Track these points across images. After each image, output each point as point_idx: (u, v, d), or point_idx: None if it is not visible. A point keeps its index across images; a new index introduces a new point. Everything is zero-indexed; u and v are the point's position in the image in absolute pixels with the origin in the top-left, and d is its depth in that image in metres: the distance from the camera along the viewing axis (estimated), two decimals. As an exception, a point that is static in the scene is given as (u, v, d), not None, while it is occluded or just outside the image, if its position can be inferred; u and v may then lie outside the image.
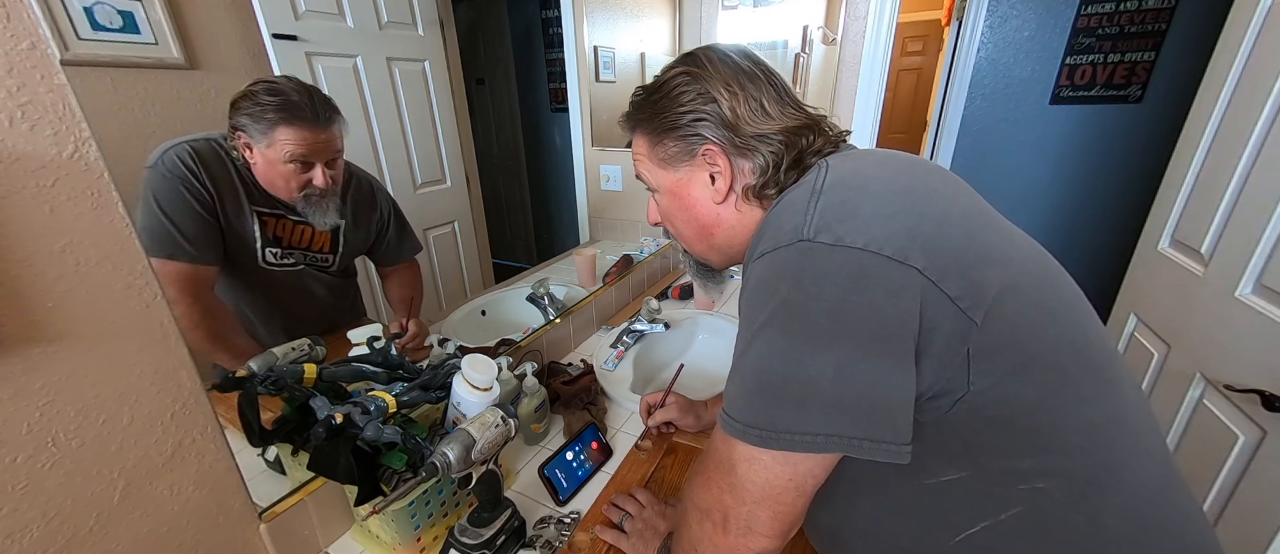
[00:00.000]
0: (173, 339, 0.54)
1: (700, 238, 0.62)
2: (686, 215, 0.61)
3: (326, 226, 0.85)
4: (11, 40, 0.41)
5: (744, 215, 0.58)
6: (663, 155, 0.60)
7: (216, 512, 0.62)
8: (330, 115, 0.79)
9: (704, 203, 0.59)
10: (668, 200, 0.62)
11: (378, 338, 0.81)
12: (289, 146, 0.75)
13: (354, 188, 0.91)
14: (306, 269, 0.88)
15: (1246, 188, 0.98)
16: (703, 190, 0.58)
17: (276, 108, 0.74)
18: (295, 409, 0.66)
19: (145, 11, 0.65)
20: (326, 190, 0.81)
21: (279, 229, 0.82)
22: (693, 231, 0.62)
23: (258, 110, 0.73)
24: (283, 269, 0.85)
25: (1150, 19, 2.13)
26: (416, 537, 0.71)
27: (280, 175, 0.77)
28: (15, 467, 0.46)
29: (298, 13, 0.83)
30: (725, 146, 0.55)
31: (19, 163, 0.42)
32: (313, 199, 0.81)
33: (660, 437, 0.95)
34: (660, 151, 0.60)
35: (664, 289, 1.63)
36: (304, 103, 0.76)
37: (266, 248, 0.82)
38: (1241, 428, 0.96)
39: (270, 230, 0.81)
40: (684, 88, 0.57)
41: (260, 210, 0.79)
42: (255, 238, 0.80)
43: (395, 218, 1.00)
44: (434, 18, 1.06)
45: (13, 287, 0.43)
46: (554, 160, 1.80)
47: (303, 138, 0.76)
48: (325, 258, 0.90)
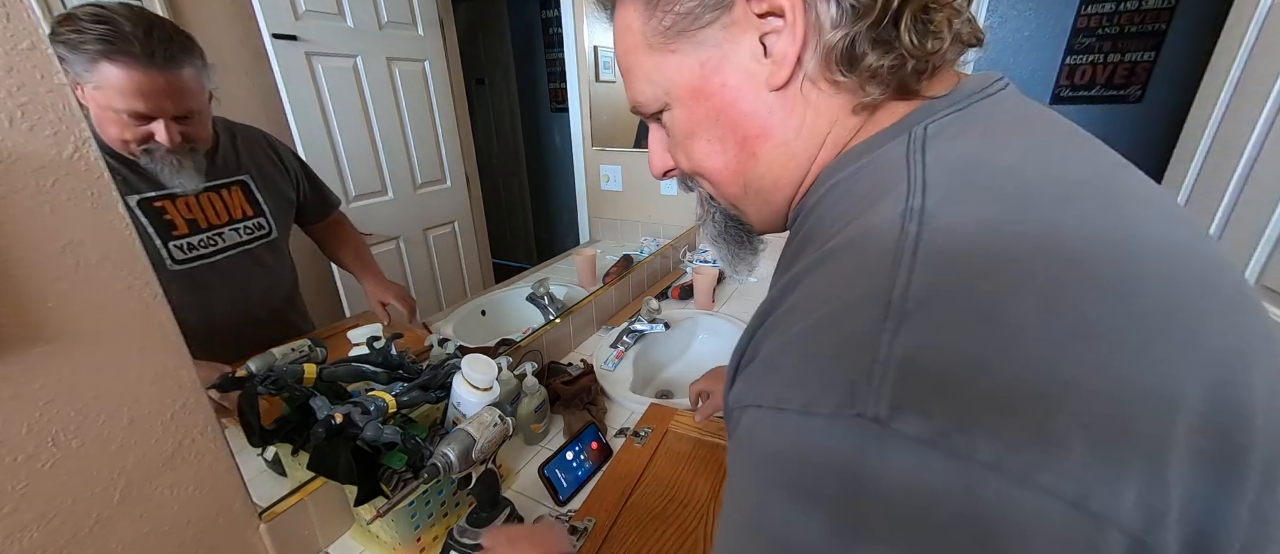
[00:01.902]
0: (173, 339, 0.54)
1: (736, 167, 0.37)
2: (718, 126, 0.36)
3: (188, 190, 0.69)
4: (11, 40, 0.41)
5: (813, 113, 0.33)
6: (670, 21, 0.34)
7: (216, 512, 0.62)
8: (172, 54, 0.63)
9: (748, 94, 0.34)
10: (686, 112, 0.37)
11: (378, 338, 0.81)
12: (116, 91, 0.60)
13: (240, 142, 0.77)
14: (243, 250, 0.76)
15: (1246, 188, 0.98)
16: (748, 70, 0.33)
17: (98, 38, 0.59)
18: (295, 409, 0.66)
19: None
20: (174, 147, 0.66)
21: (181, 210, 0.68)
22: (726, 156, 0.37)
23: (76, 38, 0.58)
24: (207, 261, 0.72)
25: (1150, 19, 2.13)
26: (416, 537, 0.71)
27: (112, 122, 0.62)
28: (15, 467, 0.46)
29: (298, 13, 0.83)
30: None
31: (19, 163, 0.42)
32: (157, 155, 0.65)
33: (655, 430, 0.95)
34: (665, 16, 0.34)
35: (664, 289, 1.63)
36: (134, 35, 0.60)
37: (170, 243, 0.68)
38: (1241, 428, 0.96)
39: (168, 216, 0.67)
40: None
41: (148, 197, 0.65)
42: (148, 235, 0.65)
43: (305, 168, 0.87)
44: (434, 18, 1.06)
45: (13, 287, 0.43)
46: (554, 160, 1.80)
47: (132, 81, 0.61)
48: (260, 225, 0.77)
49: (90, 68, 0.59)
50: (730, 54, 0.33)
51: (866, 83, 0.31)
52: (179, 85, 0.65)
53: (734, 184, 0.39)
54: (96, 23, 0.58)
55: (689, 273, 1.68)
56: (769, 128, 0.34)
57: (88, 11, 0.59)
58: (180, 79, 0.65)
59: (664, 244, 1.76)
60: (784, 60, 0.31)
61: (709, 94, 0.35)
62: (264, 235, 0.79)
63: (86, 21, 0.58)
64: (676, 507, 0.81)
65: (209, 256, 0.72)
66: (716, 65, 0.34)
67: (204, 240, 0.71)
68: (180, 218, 0.69)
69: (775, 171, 0.36)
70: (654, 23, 0.35)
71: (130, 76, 0.61)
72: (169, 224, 0.68)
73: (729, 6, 0.32)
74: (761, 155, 0.36)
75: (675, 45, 0.35)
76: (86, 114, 0.58)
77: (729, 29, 0.33)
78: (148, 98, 0.62)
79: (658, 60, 0.36)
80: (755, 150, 0.36)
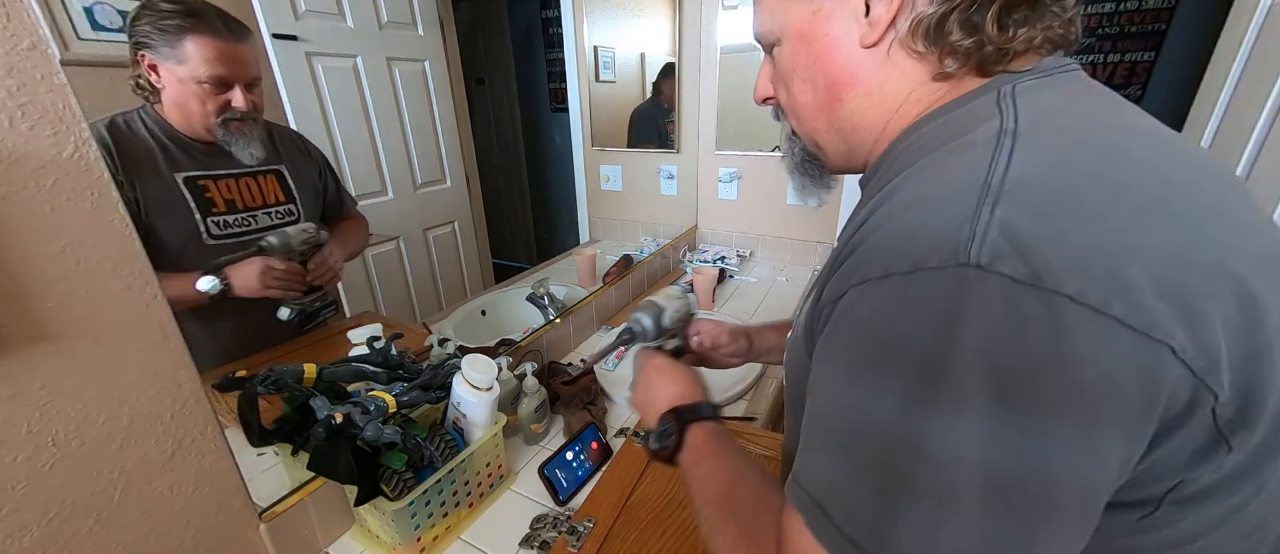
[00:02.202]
0: (173, 339, 0.54)
1: (823, 106, 0.42)
2: (814, 69, 0.41)
3: (255, 160, 0.76)
4: (11, 40, 0.41)
5: (896, 73, 0.38)
6: None
7: (216, 512, 0.62)
8: (240, 29, 0.72)
9: (844, 47, 0.39)
10: (792, 50, 0.42)
11: (378, 338, 0.81)
12: (201, 61, 0.68)
13: (278, 133, 0.83)
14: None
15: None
16: (848, 26, 0.38)
17: (181, 15, 0.67)
18: (295, 409, 0.66)
19: (145, 11, 0.65)
20: (248, 112, 0.73)
21: (222, 190, 0.74)
22: (816, 96, 0.42)
23: (159, 19, 0.66)
24: (239, 240, 0.76)
25: (1150, 19, 2.13)
26: (416, 537, 0.71)
27: (195, 96, 0.69)
28: (15, 467, 0.46)
29: (298, 13, 0.83)
30: None
31: (19, 163, 0.42)
32: (232, 125, 0.73)
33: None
34: None
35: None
36: (210, 11, 0.69)
37: (208, 218, 0.72)
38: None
39: (209, 194, 0.72)
40: None
41: (189, 174, 0.71)
42: (189, 209, 0.70)
43: (329, 167, 0.92)
44: (434, 18, 1.06)
45: (13, 287, 0.43)
46: (554, 160, 1.80)
47: (217, 50, 0.69)
48: (289, 212, 0.82)
49: (176, 46, 0.67)
50: (839, 9, 0.39)
51: (946, 56, 0.35)
52: (248, 53, 0.73)
53: (819, 120, 0.44)
54: (174, 4, 0.66)
55: (689, 273, 1.68)
56: (856, 78, 0.40)
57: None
58: (249, 47, 0.73)
59: (664, 244, 1.76)
60: (878, 23, 0.37)
61: (813, 38, 0.40)
62: (293, 222, 0.83)
63: (166, 4, 0.66)
64: (676, 507, 0.81)
65: (241, 236, 0.77)
66: (826, 15, 0.39)
67: (239, 220, 0.76)
68: (220, 197, 0.74)
69: (856, 117, 0.41)
70: None
71: (213, 46, 0.69)
72: (209, 201, 0.73)
73: None
74: (846, 101, 0.41)
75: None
76: (158, 98, 0.68)
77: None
78: (228, 63, 0.70)
79: (779, 2, 0.42)
80: (841, 96, 0.41)
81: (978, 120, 0.32)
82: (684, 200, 1.88)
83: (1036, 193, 0.26)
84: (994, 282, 0.24)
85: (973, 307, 0.25)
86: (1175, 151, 0.30)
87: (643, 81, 1.77)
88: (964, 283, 0.25)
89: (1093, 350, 0.24)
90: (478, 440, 0.77)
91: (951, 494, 0.26)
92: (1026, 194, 0.26)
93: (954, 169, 0.30)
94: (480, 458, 0.79)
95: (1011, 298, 0.24)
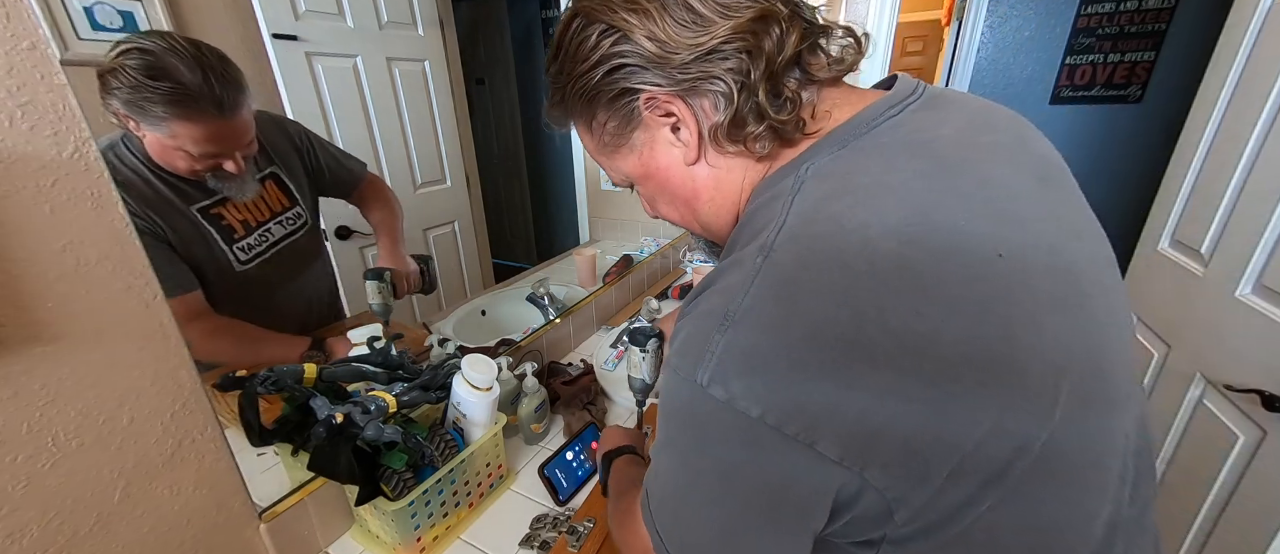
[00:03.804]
0: (173, 339, 0.54)
1: (688, 216, 0.50)
2: (666, 193, 0.48)
3: (247, 195, 0.71)
4: (11, 40, 0.41)
5: (725, 172, 0.44)
6: (606, 138, 0.46)
7: (216, 512, 0.62)
8: (236, 96, 0.64)
9: (676, 170, 0.45)
10: (644, 187, 0.50)
11: (378, 338, 0.81)
12: (190, 141, 0.61)
13: (262, 134, 0.77)
14: (289, 243, 0.78)
15: (1246, 188, 0.98)
16: (671, 153, 0.45)
17: (165, 99, 0.57)
18: (295, 409, 0.66)
19: (145, 11, 0.64)
20: (238, 175, 0.68)
21: (234, 213, 0.70)
22: (679, 210, 0.50)
23: (136, 96, 0.56)
24: (263, 260, 0.73)
25: (1150, 19, 2.13)
26: (416, 537, 0.71)
27: (180, 159, 0.63)
28: (15, 466, 0.46)
29: (298, 13, 0.83)
30: (668, 87, 0.40)
31: (19, 163, 0.42)
32: (223, 176, 0.67)
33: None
34: (601, 135, 0.47)
35: (664, 289, 1.63)
36: (200, 88, 0.59)
37: (234, 246, 0.70)
38: (1241, 428, 0.96)
39: (226, 221, 0.68)
40: (582, 36, 0.42)
41: (205, 205, 0.66)
42: (215, 241, 0.67)
43: (313, 139, 0.86)
44: (434, 18, 1.06)
45: (13, 287, 0.43)
46: (554, 160, 1.80)
47: (207, 132, 0.61)
48: (297, 216, 0.79)
49: (160, 125, 0.59)
50: (655, 146, 0.45)
51: (752, 143, 0.41)
52: (245, 124, 0.67)
53: (692, 226, 0.51)
54: (154, 79, 0.56)
55: (689, 273, 1.68)
56: (697, 190, 0.46)
57: (138, 64, 0.55)
58: (245, 118, 0.67)
59: (664, 244, 1.76)
60: (690, 144, 0.43)
61: (652, 174, 0.47)
62: (303, 225, 0.80)
63: (144, 79, 0.55)
64: (676, 507, 0.81)
65: (265, 253, 0.74)
66: (650, 155, 0.46)
67: (257, 239, 0.73)
68: (235, 220, 0.71)
69: (713, 215, 0.48)
70: (596, 139, 0.48)
71: (205, 129, 0.62)
72: (229, 229, 0.70)
73: (639, 120, 0.44)
74: (700, 208, 0.48)
75: (618, 150, 0.47)
76: (139, 142, 0.61)
77: (647, 132, 0.45)
78: (221, 141, 0.64)
79: (611, 159, 0.49)
80: (695, 206, 0.48)
81: (766, 220, 0.37)
82: (684, 200, 1.87)
83: (758, 318, 0.33)
84: (706, 398, 0.34)
85: (697, 412, 0.35)
86: (926, 222, 0.34)
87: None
88: (693, 393, 0.35)
89: (775, 459, 0.33)
90: (478, 440, 0.77)
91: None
92: (751, 320, 0.33)
93: (723, 287, 0.36)
94: (480, 458, 0.79)
95: (718, 410, 0.34)
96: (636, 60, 0.40)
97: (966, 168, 0.37)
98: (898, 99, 0.41)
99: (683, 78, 0.40)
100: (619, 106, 0.43)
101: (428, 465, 0.71)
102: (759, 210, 0.40)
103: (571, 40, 0.43)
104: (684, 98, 0.41)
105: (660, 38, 0.39)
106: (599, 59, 0.41)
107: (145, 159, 0.62)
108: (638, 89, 0.41)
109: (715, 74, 0.39)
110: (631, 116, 0.43)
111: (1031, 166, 0.40)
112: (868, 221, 0.33)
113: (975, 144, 0.38)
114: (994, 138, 0.40)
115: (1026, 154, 0.41)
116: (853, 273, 0.32)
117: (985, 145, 0.39)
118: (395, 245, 0.93)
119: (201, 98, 0.59)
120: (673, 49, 0.39)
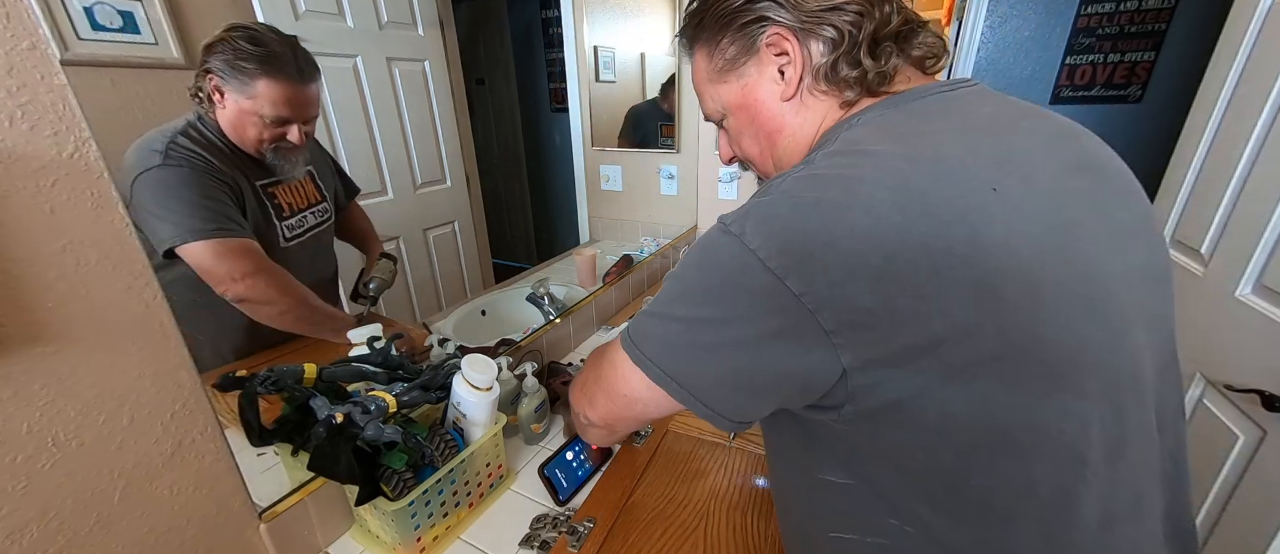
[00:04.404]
0: (173, 339, 0.54)
1: (766, 151, 0.55)
2: (754, 127, 0.53)
3: (299, 176, 0.81)
4: (11, 40, 0.41)
5: (809, 112, 0.50)
6: (722, 63, 0.52)
7: (216, 512, 0.62)
8: (313, 71, 0.75)
9: (771, 105, 0.51)
10: (737, 118, 0.55)
11: (378, 338, 0.81)
12: (269, 102, 0.71)
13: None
14: (317, 231, 0.85)
15: (1246, 188, 0.98)
16: (771, 88, 0.51)
17: (259, 59, 0.69)
18: (295, 409, 0.66)
19: (145, 11, 0.65)
20: (298, 147, 0.77)
21: (284, 195, 0.78)
22: (759, 145, 0.55)
23: (235, 57, 0.68)
24: (299, 243, 0.81)
25: (1150, 19, 2.13)
26: (416, 537, 0.71)
27: (252, 126, 0.72)
28: (15, 467, 0.46)
29: (298, 13, 0.83)
30: (793, 26, 0.47)
31: (19, 163, 0.42)
32: (283, 152, 0.76)
33: (655, 430, 0.95)
34: (719, 60, 0.53)
35: (664, 289, 1.63)
36: (287, 55, 0.71)
37: (283, 223, 0.78)
38: (1241, 428, 0.96)
39: (278, 201, 0.77)
40: None
41: (263, 183, 0.75)
42: (271, 215, 0.76)
43: (330, 156, 0.94)
44: (434, 18, 1.06)
45: (13, 287, 0.43)
46: (554, 160, 1.80)
47: (286, 94, 0.72)
48: (325, 209, 0.87)
49: (247, 84, 0.70)
50: (760, 80, 0.51)
51: (844, 89, 0.48)
52: (315, 96, 0.76)
53: (766, 162, 0.56)
54: (253, 44, 0.68)
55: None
56: (782, 125, 0.52)
57: (242, 34, 0.68)
58: (316, 91, 0.76)
59: (664, 244, 1.76)
60: (791, 81, 0.49)
61: (748, 105, 0.53)
62: (328, 219, 0.87)
63: (244, 42, 0.68)
64: (676, 507, 0.81)
65: (302, 236, 0.82)
66: (753, 87, 0.52)
67: (298, 222, 0.81)
68: (285, 202, 0.79)
69: (788, 150, 0.53)
70: (712, 64, 0.54)
71: (284, 90, 0.72)
72: (280, 207, 0.78)
73: (756, 51, 0.50)
74: (779, 142, 0.53)
75: (726, 78, 0.53)
76: (213, 110, 0.70)
77: (759, 66, 0.51)
78: (294, 106, 0.73)
79: (717, 87, 0.55)
80: (776, 139, 0.53)
81: (828, 141, 0.45)
82: (684, 200, 1.87)
83: (770, 215, 0.38)
84: (738, 244, 0.38)
85: (718, 251, 0.40)
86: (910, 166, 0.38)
87: (643, 82, 1.77)
88: (727, 237, 0.39)
89: (760, 280, 0.37)
90: (478, 440, 0.77)
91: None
92: (764, 208, 0.39)
93: (767, 187, 0.42)
94: (480, 458, 0.79)
95: (730, 244, 0.39)
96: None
97: (994, 131, 0.41)
98: (953, 84, 0.47)
99: (806, 20, 0.47)
100: (745, 34, 0.49)
101: (428, 465, 0.71)
102: (820, 147, 0.46)
103: None
104: (799, 38, 0.47)
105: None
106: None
107: (218, 134, 0.71)
108: (769, 19, 0.48)
109: (833, 21, 0.46)
110: (751, 47, 0.50)
111: (1070, 155, 0.43)
112: (893, 151, 0.39)
113: (1013, 125, 0.43)
114: (1036, 124, 0.44)
115: (1070, 145, 0.44)
116: (867, 184, 0.37)
117: (1025, 129, 0.43)
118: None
119: (286, 63, 0.71)
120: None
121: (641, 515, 0.79)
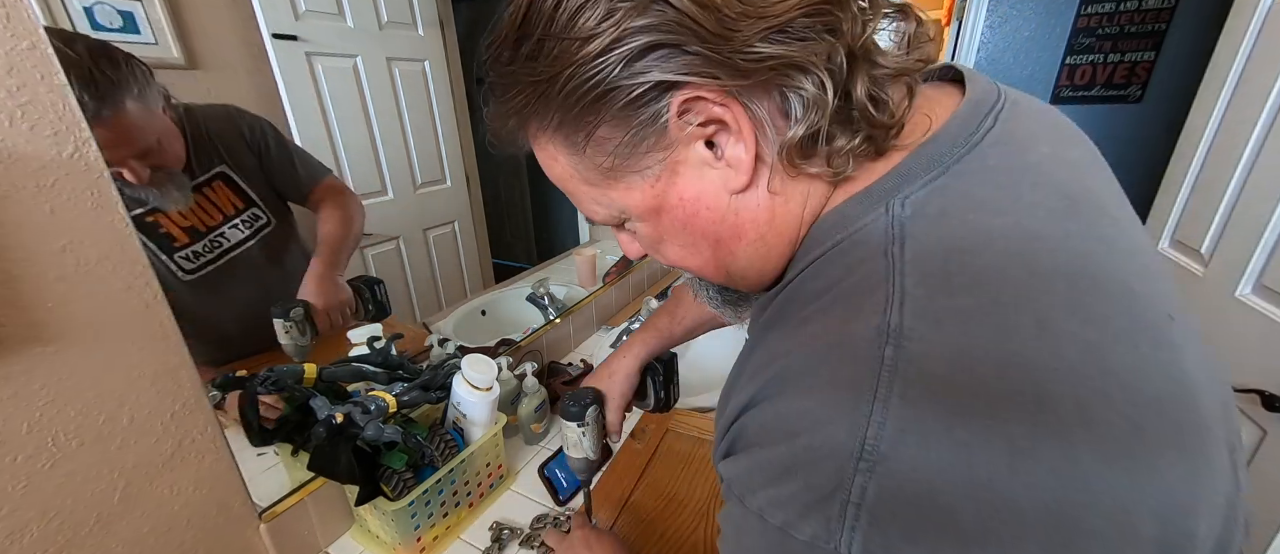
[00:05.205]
0: (173, 339, 0.54)
1: (713, 262, 0.36)
2: (687, 234, 0.34)
3: (180, 205, 0.64)
4: (11, 40, 0.41)
5: (782, 202, 0.32)
6: (601, 161, 0.31)
7: (216, 512, 0.62)
8: (103, 98, 0.53)
9: (712, 201, 0.32)
10: (649, 225, 0.35)
11: (378, 338, 0.81)
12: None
13: (210, 130, 0.70)
14: (251, 245, 0.73)
15: (1246, 188, 0.98)
16: (704, 179, 0.31)
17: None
18: (295, 409, 0.66)
19: (145, 11, 0.64)
20: (148, 181, 0.60)
21: (176, 220, 0.65)
22: (702, 255, 0.36)
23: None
24: (217, 266, 0.69)
25: (1150, 19, 2.13)
26: (416, 537, 0.71)
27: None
28: (15, 466, 0.46)
29: (298, 13, 0.83)
30: (723, 84, 0.27)
31: (19, 163, 0.42)
32: (136, 187, 0.60)
33: (655, 430, 0.95)
34: (598, 157, 0.31)
35: (664, 289, 1.63)
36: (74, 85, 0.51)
37: (175, 255, 0.64)
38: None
39: (163, 229, 0.63)
40: (580, 5, 0.26)
41: (137, 214, 0.56)
42: (153, 251, 0.62)
43: (269, 134, 0.77)
44: (434, 18, 1.06)
45: (13, 287, 0.43)
46: (554, 160, 1.79)
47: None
48: (255, 214, 0.73)
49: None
50: (679, 171, 0.31)
51: (838, 159, 0.29)
52: (125, 127, 0.57)
53: (717, 275, 0.37)
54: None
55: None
56: (740, 228, 0.33)
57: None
58: (125, 120, 0.56)
59: (664, 244, 1.76)
60: (740, 165, 0.30)
61: (670, 208, 0.33)
62: (265, 226, 0.74)
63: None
64: (676, 507, 0.81)
65: (217, 260, 0.69)
66: (669, 182, 0.32)
67: (207, 245, 0.68)
68: (176, 228, 0.65)
69: (756, 263, 0.35)
70: (586, 164, 0.32)
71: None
72: (168, 237, 0.64)
73: (661, 133, 0.29)
74: (738, 250, 0.34)
75: (616, 178, 0.32)
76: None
77: (671, 155, 0.30)
78: (103, 148, 0.53)
79: (602, 191, 0.34)
80: (731, 247, 0.34)
81: (866, 282, 0.27)
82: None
83: (916, 455, 0.22)
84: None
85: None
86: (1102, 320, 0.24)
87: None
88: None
89: None
90: (478, 440, 0.77)
91: None
92: (904, 459, 0.22)
93: (829, 388, 0.25)
94: (480, 458, 0.79)
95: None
96: (673, 36, 0.26)
97: (1089, 199, 0.28)
98: (987, 104, 0.30)
99: (747, 64, 0.26)
100: (637, 114, 0.28)
101: (428, 465, 0.71)
102: (831, 258, 0.30)
103: (562, 9, 0.27)
104: (742, 99, 0.28)
105: (714, 2, 0.25)
106: (614, 40, 0.26)
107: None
108: (674, 81, 0.27)
109: (796, 61, 0.26)
110: (650, 129, 0.29)
111: (1111, 181, 0.33)
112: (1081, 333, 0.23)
113: (1072, 163, 0.30)
114: (1078, 154, 0.32)
115: (1103, 169, 0.34)
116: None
117: (1077, 163, 0.31)
118: (328, 269, 0.81)
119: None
120: (732, 22, 0.25)
121: (641, 515, 0.79)
